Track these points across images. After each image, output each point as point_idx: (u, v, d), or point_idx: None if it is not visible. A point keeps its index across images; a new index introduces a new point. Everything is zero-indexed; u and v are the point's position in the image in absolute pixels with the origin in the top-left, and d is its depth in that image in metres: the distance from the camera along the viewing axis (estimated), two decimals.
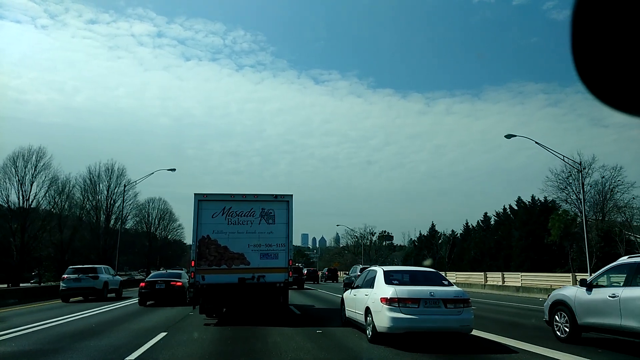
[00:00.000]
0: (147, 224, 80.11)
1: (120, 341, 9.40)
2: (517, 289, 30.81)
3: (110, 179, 61.85)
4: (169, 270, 24.95)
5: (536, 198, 46.42)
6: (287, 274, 13.42)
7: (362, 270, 18.11)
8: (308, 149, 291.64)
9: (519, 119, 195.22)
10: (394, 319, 8.70)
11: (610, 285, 9.04)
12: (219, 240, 13.48)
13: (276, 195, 13.92)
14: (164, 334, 10.19)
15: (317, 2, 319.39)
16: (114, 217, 61.53)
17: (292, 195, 13.85)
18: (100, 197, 60.73)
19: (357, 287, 11.21)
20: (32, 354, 8.26)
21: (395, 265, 41.44)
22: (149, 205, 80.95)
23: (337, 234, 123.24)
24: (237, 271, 13.25)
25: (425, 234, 70.49)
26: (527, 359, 7.98)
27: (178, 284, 18.47)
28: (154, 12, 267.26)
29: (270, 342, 9.12)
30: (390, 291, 9.02)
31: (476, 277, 38.04)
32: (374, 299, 9.39)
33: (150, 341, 9.17)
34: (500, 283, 33.49)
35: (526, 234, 43.16)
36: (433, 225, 69.18)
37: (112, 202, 61.49)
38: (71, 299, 20.77)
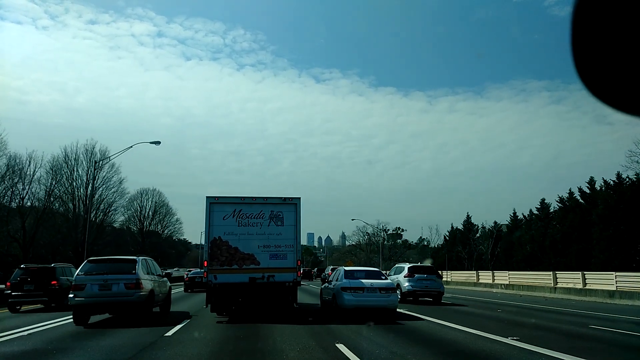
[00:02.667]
0: (140, 217, 68.17)
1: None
2: (611, 294, 24.36)
3: (90, 162, 49.03)
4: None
5: (624, 176, 34.33)
6: (295, 274, 14.22)
7: (332, 270, 24.44)
8: (310, 148, 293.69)
9: (522, 117, 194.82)
10: (348, 300, 14.12)
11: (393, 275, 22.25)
12: (230, 241, 14.15)
13: (285, 198, 14.75)
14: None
15: (316, 1, 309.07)
16: (95, 207, 48.33)
17: (299, 198, 14.68)
18: (78, 183, 47.85)
19: (330, 281, 16.74)
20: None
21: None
22: (141, 197, 69.29)
23: (343, 232, 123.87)
24: (248, 271, 13.99)
25: (458, 228, 58.39)
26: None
27: None
28: (153, 11, 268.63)
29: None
30: (345, 283, 14.58)
31: (540, 278, 31.75)
32: (337, 287, 14.78)
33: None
34: (579, 286, 27.15)
35: (615, 223, 31.01)
36: (468, 218, 58.53)
37: (92, 189, 48.48)
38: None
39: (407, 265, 22.60)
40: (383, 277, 15.63)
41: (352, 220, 79.92)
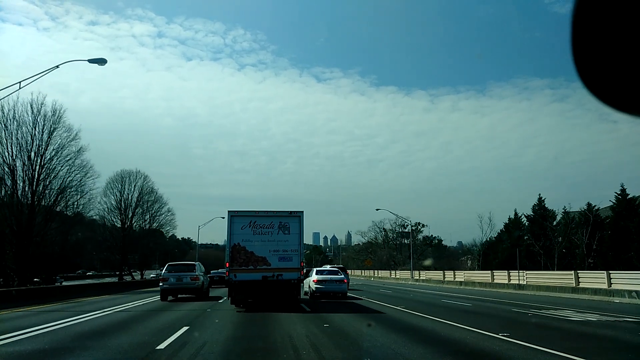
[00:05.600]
0: (120, 206, 52.61)
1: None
2: None
3: (37, 121, 32.77)
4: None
5: None
6: (299, 273, 17.42)
7: (318, 271, 26.46)
8: (314, 147, 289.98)
9: (525, 115, 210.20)
10: (317, 288, 23.26)
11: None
12: (246, 246, 17.07)
13: (291, 212, 17.96)
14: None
15: (316, 0, 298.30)
16: (42, 184, 32.16)
17: (302, 211, 17.98)
18: (22, 147, 39.87)
19: (308, 277, 24.68)
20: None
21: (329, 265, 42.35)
22: (121, 181, 53.76)
23: (349, 231, 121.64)
24: (261, 271, 16.93)
25: (526, 214, 43.09)
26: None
27: None
28: (153, 12, 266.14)
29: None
30: (316, 277, 23.90)
31: None
32: (311, 280, 24.06)
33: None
34: None
35: None
36: (541, 201, 42.15)
37: (42, 162, 31.35)
38: None
39: (328, 267, 33.75)
40: (340, 274, 24.94)
41: (377, 210, 66.01)
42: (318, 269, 26.59)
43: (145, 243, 63.25)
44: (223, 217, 71.46)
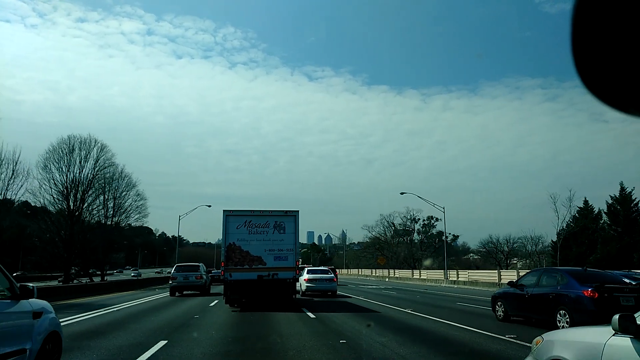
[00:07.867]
0: (66, 185, 35.97)
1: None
2: None
3: None
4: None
5: None
6: (294, 272, 17.64)
7: (309, 271, 27.85)
8: (307, 146, 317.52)
9: (518, 115, 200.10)
10: (308, 287, 24.95)
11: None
12: (242, 246, 17.07)
13: (286, 211, 17.88)
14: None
15: None
16: None
17: (298, 211, 17.95)
18: None
19: (301, 275, 25.15)
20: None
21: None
22: (69, 149, 36.81)
23: (344, 230, 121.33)
24: (256, 270, 16.97)
25: (611, 198, 28.38)
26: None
27: None
28: (142, 9, 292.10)
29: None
30: (308, 276, 25.57)
31: None
32: (303, 279, 25.31)
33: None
34: None
35: None
36: None
37: None
38: None
39: (309, 267, 33.36)
40: (329, 273, 26.58)
41: (402, 194, 52.09)
42: (309, 268, 29.20)
43: (107, 236, 47.74)
44: (209, 206, 58.20)
